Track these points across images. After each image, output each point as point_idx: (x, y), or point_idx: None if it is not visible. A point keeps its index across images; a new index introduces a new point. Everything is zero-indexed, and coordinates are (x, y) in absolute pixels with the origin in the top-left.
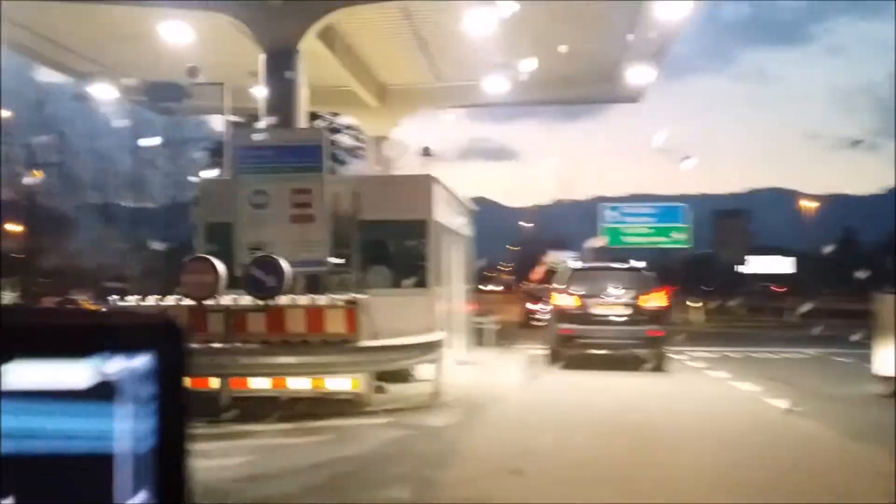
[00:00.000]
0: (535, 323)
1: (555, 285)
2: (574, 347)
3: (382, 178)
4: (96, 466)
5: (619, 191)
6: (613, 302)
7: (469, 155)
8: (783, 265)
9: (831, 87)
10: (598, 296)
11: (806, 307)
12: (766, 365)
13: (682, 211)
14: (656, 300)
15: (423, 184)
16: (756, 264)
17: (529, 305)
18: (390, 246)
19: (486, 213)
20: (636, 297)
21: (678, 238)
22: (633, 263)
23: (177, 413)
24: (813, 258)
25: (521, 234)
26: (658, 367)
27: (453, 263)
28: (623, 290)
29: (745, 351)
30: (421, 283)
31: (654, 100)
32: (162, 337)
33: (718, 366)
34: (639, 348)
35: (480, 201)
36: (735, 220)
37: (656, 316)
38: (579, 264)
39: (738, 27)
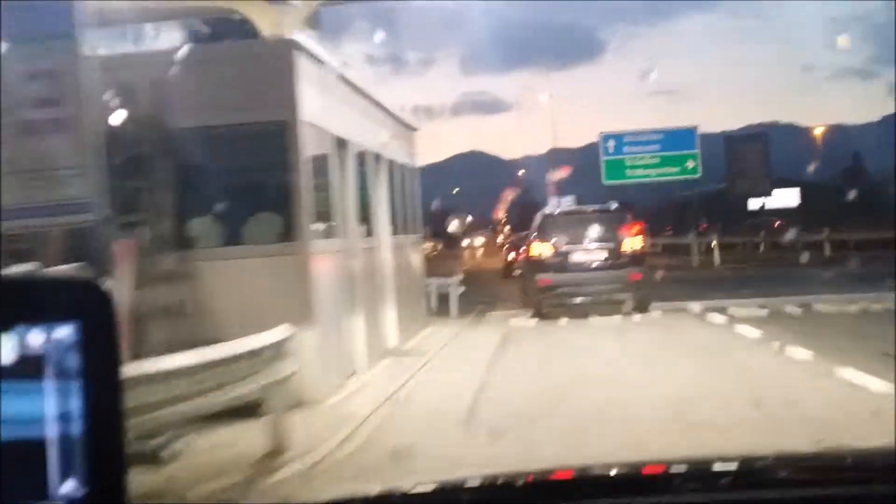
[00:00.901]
0: (515, 274)
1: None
2: (554, 298)
3: (206, 51)
4: (21, 453)
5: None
6: (590, 247)
7: (462, 109)
8: (790, 198)
9: (826, 17)
10: (574, 242)
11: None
12: (852, 325)
13: (693, 135)
14: (634, 241)
15: (280, 57)
16: (763, 199)
17: (511, 255)
18: (228, 172)
19: (482, 167)
20: (614, 240)
21: (690, 167)
22: (609, 204)
23: (109, 390)
24: (822, 189)
25: (517, 185)
26: (642, 310)
27: (379, 203)
28: (600, 234)
29: (790, 299)
30: (287, 235)
31: (647, 40)
32: (87, 304)
33: (788, 333)
34: (621, 293)
35: (476, 155)
36: (752, 146)
37: (636, 258)
38: (551, 209)
39: None
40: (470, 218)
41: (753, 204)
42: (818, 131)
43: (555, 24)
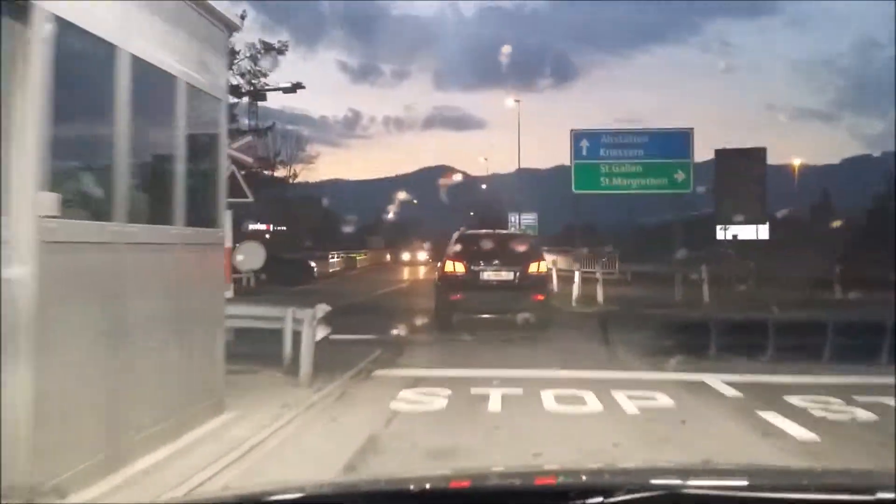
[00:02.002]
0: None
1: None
2: (462, 312)
3: None
4: None
5: None
6: (499, 268)
7: (433, 123)
8: (760, 230)
9: (793, 58)
10: (485, 262)
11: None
12: None
13: (688, 140)
14: (539, 265)
15: None
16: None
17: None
18: None
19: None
20: (521, 263)
21: (680, 180)
22: (516, 230)
23: None
24: (790, 223)
25: (482, 201)
26: (544, 328)
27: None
28: (509, 256)
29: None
30: None
31: (620, 69)
32: None
33: None
34: (523, 311)
35: (443, 169)
36: (748, 163)
37: (540, 280)
38: (464, 231)
39: None
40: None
41: (723, 234)
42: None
43: (528, 45)
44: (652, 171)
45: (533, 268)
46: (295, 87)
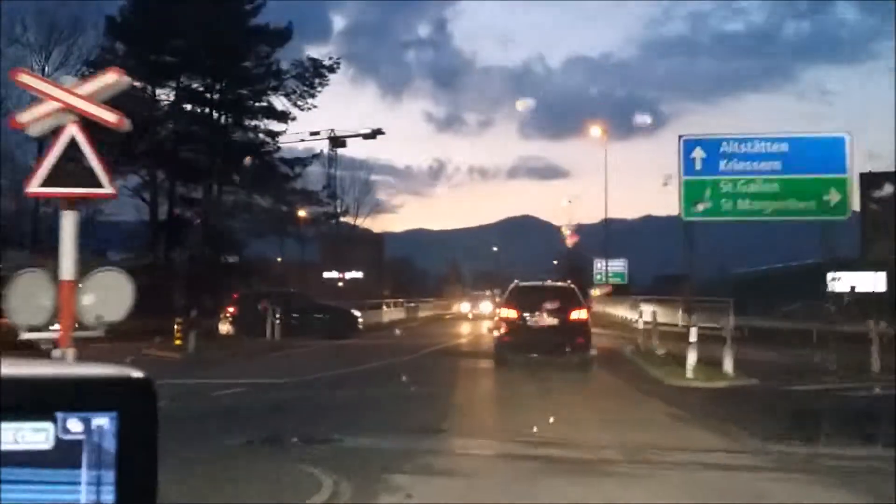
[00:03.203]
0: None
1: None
2: (514, 353)
3: None
4: None
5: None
6: (546, 314)
7: (517, 173)
8: (877, 281)
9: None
10: (534, 309)
11: None
12: None
13: (843, 147)
14: (580, 313)
15: None
16: (847, 280)
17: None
18: None
19: (533, 231)
20: (566, 311)
21: (835, 202)
22: (602, 278)
23: (144, 480)
24: None
25: (566, 251)
26: (585, 369)
27: None
28: (554, 304)
29: None
30: None
31: (713, 117)
32: (128, 393)
33: None
34: (567, 353)
35: (528, 219)
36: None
37: (581, 326)
38: (519, 283)
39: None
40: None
41: (838, 285)
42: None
43: (615, 95)
44: (794, 190)
45: (575, 315)
46: (375, 133)
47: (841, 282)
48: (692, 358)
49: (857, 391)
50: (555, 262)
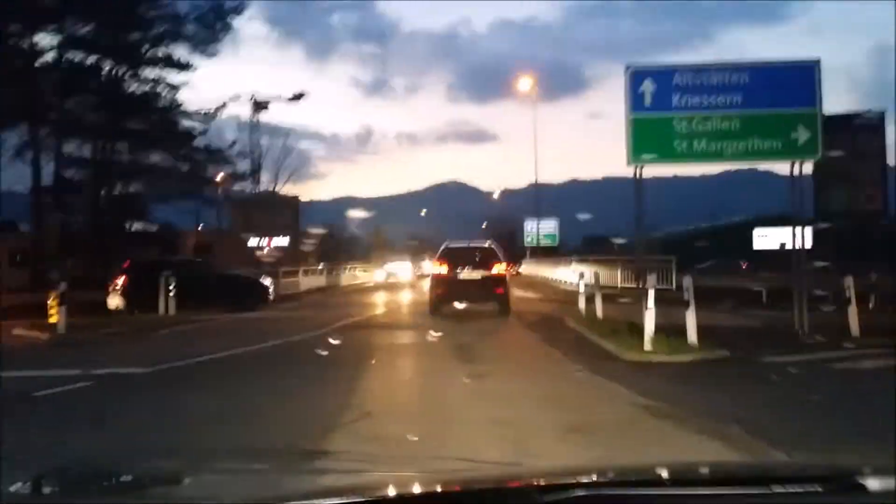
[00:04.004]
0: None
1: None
2: (446, 302)
3: None
4: None
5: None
6: (472, 270)
7: (446, 138)
8: (806, 237)
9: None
10: (462, 265)
11: None
12: None
13: (813, 77)
14: (500, 268)
15: None
16: (774, 237)
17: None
18: None
19: (462, 196)
20: (487, 266)
21: (803, 140)
22: (487, 241)
23: None
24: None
25: (496, 216)
26: (504, 312)
27: None
28: (478, 261)
29: None
30: None
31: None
32: None
33: None
34: (489, 301)
35: (456, 185)
36: (858, 130)
37: (501, 280)
38: (449, 244)
39: (716, 7)
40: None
41: (765, 242)
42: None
43: (539, 58)
44: (757, 127)
45: (495, 269)
46: (298, 96)
47: (768, 238)
48: (650, 326)
49: (850, 361)
50: (483, 226)
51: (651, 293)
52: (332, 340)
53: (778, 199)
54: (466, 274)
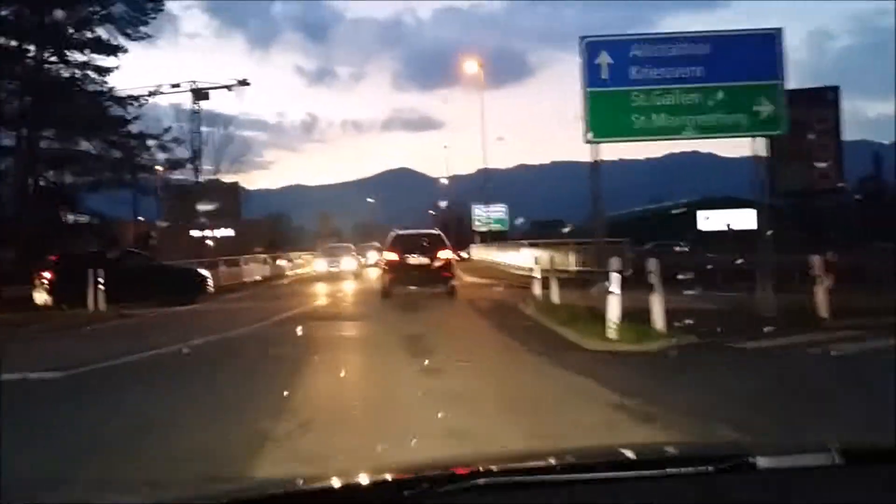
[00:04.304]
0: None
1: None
2: (397, 286)
3: None
4: None
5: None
6: (420, 255)
7: (392, 126)
8: (748, 219)
9: None
10: (411, 251)
11: None
12: None
13: (774, 46)
14: (446, 253)
15: None
16: (718, 219)
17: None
18: None
19: (410, 183)
20: (434, 251)
21: (765, 115)
22: (435, 229)
23: None
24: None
25: (443, 202)
26: (451, 295)
27: None
28: (426, 247)
29: None
30: None
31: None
32: None
33: None
34: (438, 285)
35: (404, 172)
36: (813, 107)
37: (448, 265)
38: (398, 231)
39: None
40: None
41: (710, 224)
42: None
43: (486, 44)
44: (719, 101)
45: (441, 254)
46: (240, 84)
47: (711, 220)
48: (615, 312)
49: (827, 344)
50: (431, 212)
51: (615, 277)
52: (270, 335)
53: (722, 181)
54: (415, 260)
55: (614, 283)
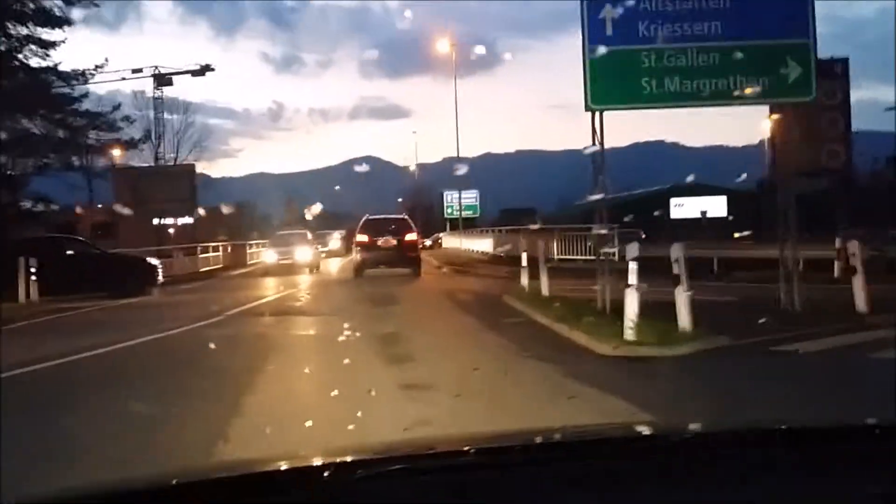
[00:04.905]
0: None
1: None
2: (368, 266)
3: None
4: None
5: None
6: (389, 237)
7: (360, 114)
8: (719, 206)
9: None
10: (380, 234)
11: None
12: None
13: (805, 1)
14: (412, 235)
15: None
16: (690, 206)
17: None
18: None
19: (378, 172)
20: (402, 234)
21: (795, 77)
22: (402, 214)
23: None
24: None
25: (411, 190)
26: (416, 274)
27: None
28: (394, 230)
29: None
30: None
31: (543, 53)
32: None
33: None
34: (404, 264)
35: (371, 160)
36: (821, 81)
37: (413, 245)
38: (369, 216)
39: None
40: None
41: (682, 211)
42: (697, 151)
43: (453, 32)
44: (740, 62)
45: (408, 237)
46: (204, 70)
47: (684, 207)
48: (633, 309)
49: (888, 348)
50: (399, 200)
51: (633, 266)
52: (220, 334)
53: (690, 169)
54: (384, 241)
55: (633, 275)
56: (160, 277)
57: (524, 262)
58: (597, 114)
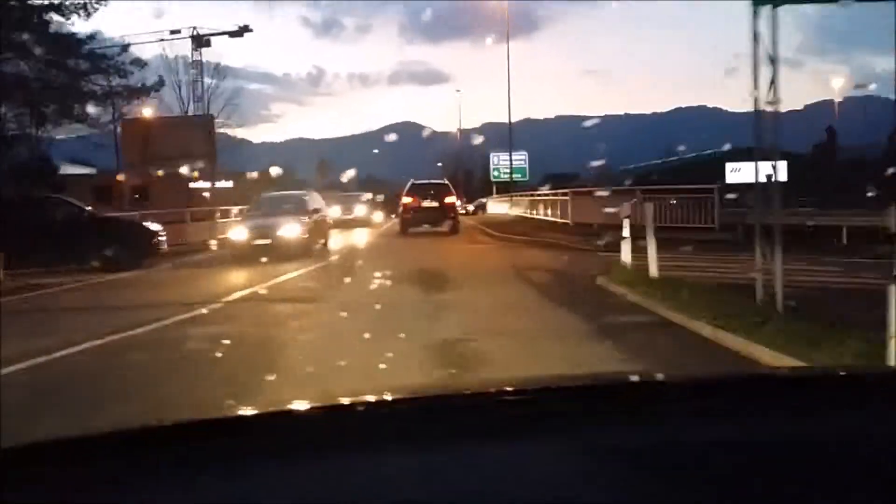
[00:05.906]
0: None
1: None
2: (413, 225)
3: None
4: None
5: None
6: (431, 200)
7: (399, 79)
8: (780, 171)
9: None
10: (424, 197)
11: None
12: None
13: None
14: (452, 199)
15: None
16: (747, 170)
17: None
18: None
19: (417, 137)
20: (442, 197)
21: None
22: (443, 179)
23: None
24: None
25: (451, 155)
26: (455, 232)
27: None
28: (436, 193)
29: None
30: None
31: (579, 18)
32: None
33: None
34: (445, 222)
35: (410, 125)
36: None
37: (452, 206)
38: (414, 181)
39: None
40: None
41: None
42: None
43: None
44: None
45: (447, 199)
46: (242, 31)
47: (741, 172)
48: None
49: None
50: (439, 164)
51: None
52: (222, 328)
53: (730, 136)
54: (427, 203)
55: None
56: (163, 246)
57: (626, 233)
58: (762, 16)
